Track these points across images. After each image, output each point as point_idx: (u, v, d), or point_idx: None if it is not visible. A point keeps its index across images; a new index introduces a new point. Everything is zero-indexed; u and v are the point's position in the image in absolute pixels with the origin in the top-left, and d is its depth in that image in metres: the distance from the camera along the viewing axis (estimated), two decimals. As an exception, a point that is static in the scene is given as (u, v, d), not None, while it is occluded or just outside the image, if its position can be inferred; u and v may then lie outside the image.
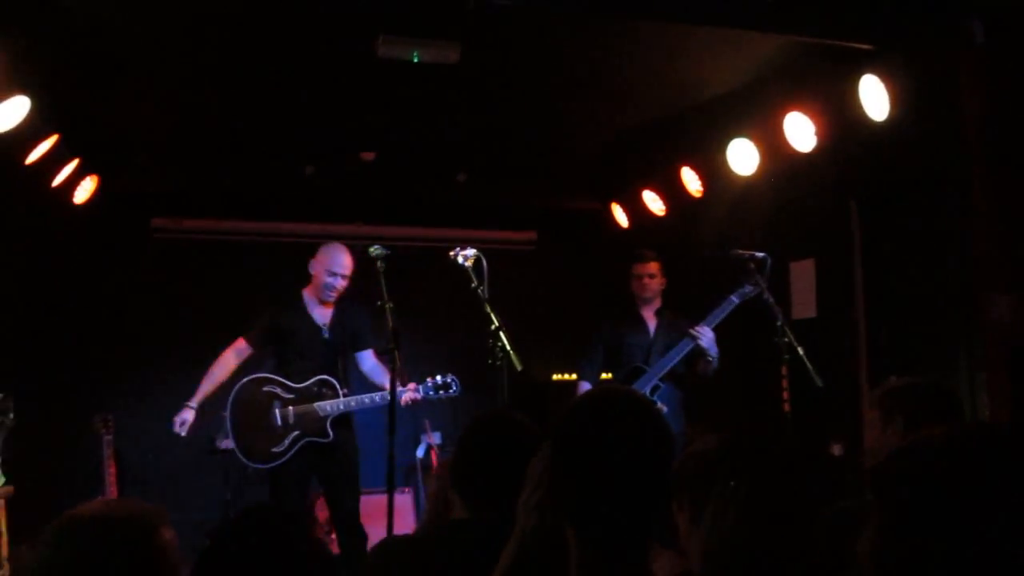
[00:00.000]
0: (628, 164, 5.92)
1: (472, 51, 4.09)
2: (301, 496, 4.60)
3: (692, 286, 4.95)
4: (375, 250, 3.84)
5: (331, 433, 4.38)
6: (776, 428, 3.90)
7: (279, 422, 4.39)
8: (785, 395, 3.79)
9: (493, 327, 3.45)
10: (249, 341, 4.53)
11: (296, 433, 4.39)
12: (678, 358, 4.47)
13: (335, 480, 4.49)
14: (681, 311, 4.75)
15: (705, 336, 4.37)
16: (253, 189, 6.28)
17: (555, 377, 6.18)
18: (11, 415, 4.32)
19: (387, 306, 3.69)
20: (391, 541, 2.21)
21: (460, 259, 3.67)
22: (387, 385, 4.19)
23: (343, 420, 4.49)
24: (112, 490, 4.87)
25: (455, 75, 4.37)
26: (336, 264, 4.47)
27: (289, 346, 4.52)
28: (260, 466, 4.43)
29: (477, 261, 3.67)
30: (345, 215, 6.45)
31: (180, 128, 5.36)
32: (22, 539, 3.88)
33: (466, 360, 5.87)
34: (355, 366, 4.68)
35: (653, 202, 5.87)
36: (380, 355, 3.86)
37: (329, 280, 4.46)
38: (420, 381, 4.49)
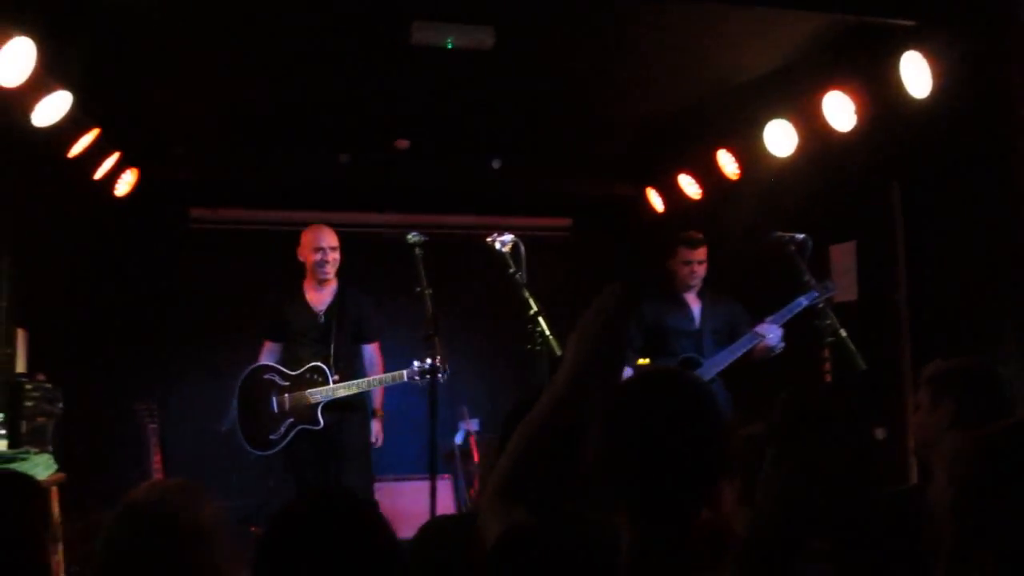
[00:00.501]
0: (663, 148, 5.87)
1: (506, 37, 4.08)
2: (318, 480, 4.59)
3: (727, 271, 4.90)
4: (413, 237, 3.86)
5: (321, 420, 4.41)
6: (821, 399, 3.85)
7: (275, 409, 4.48)
8: (827, 378, 3.74)
9: (532, 312, 3.45)
10: (270, 339, 4.65)
11: (290, 420, 4.45)
12: (740, 353, 4.37)
13: (341, 469, 4.49)
14: (719, 289, 4.69)
15: (772, 334, 4.31)
16: (289, 178, 6.32)
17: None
18: (60, 405, 4.41)
19: (426, 292, 3.71)
20: (437, 521, 2.24)
21: (498, 245, 3.67)
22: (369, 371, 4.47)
23: (347, 406, 4.51)
24: (157, 477, 4.96)
25: (489, 61, 4.37)
26: (319, 240, 4.52)
27: (290, 334, 4.60)
28: (259, 453, 4.50)
29: (515, 247, 3.67)
30: (380, 204, 6.48)
31: (216, 119, 5.42)
32: (73, 523, 3.96)
33: (505, 346, 5.90)
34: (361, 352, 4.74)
35: (689, 186, 5.82)
36: (424, 340, 3.79)
37: (318, 258, 4.51)
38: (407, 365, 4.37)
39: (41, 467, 3.78)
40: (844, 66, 4.29)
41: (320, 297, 4.60)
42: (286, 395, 4.49)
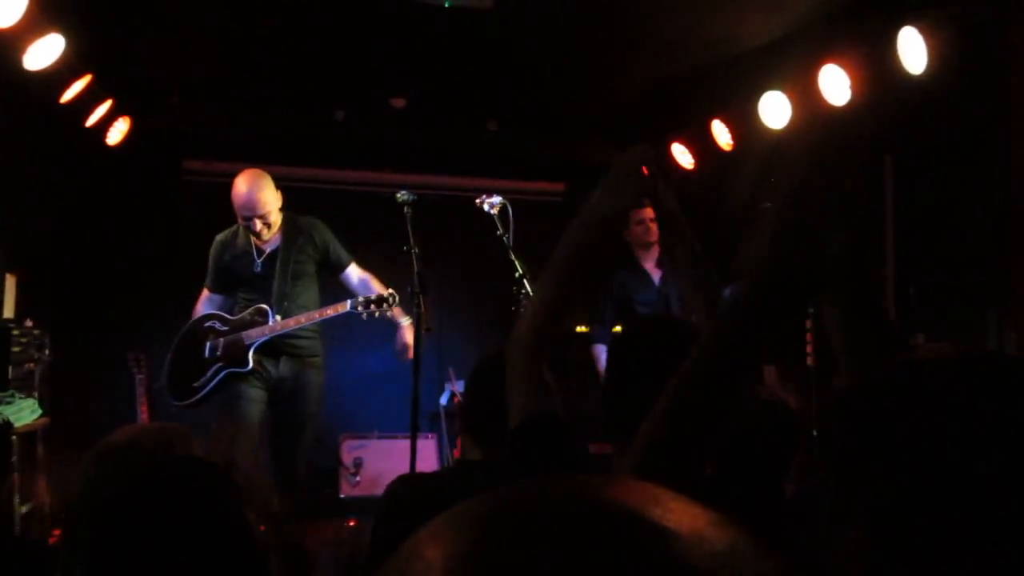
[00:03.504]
0: (658, 116, 5.85)
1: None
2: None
3: (721, 241, 4.91)
4: (402, 196, 3.85)
5: (250, 361, 4.03)
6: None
7: (207, 354, 4.14)
8: (809, 349, 3.77)
9: (517, 275, 3.47)
10: (211, 288, 4.34)
11: (218, 365, 4.11)
12: None
13: (279, 426, 4.15)
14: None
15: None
16: (284, 133, 6.30)
17: (578, 329, 6.21)
18: (47, 351, 4.44)
19: (413, 251, 3.71)
20: (406, 477, 2.26)
21: (486, 207, 3.68)
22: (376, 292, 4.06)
23: (297, 357, 4.14)
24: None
25: (488, 22, 4.34)
26: (242, 208, 4.10)
27: (236, 280, 4.27)
28: (180, 403, 4.12)
29: (503, 209, 3.68)
30: (375, 162, 6.46)
31: (212, 70, 5.38)
32: (58, 467, 4.00)
33: (493, 307, 5.92)
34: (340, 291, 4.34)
35: (682, 155, 5.82)
36: (410, 297, 3.64)
37: (245, 225, 4.15)
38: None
39: (26, 411, 3.82)
40: (841, 39, 4.27)
41: (265, 242, 4.22)
42: (221, 339, 4.14)
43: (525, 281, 3.44)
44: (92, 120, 4.87)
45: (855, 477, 0.84)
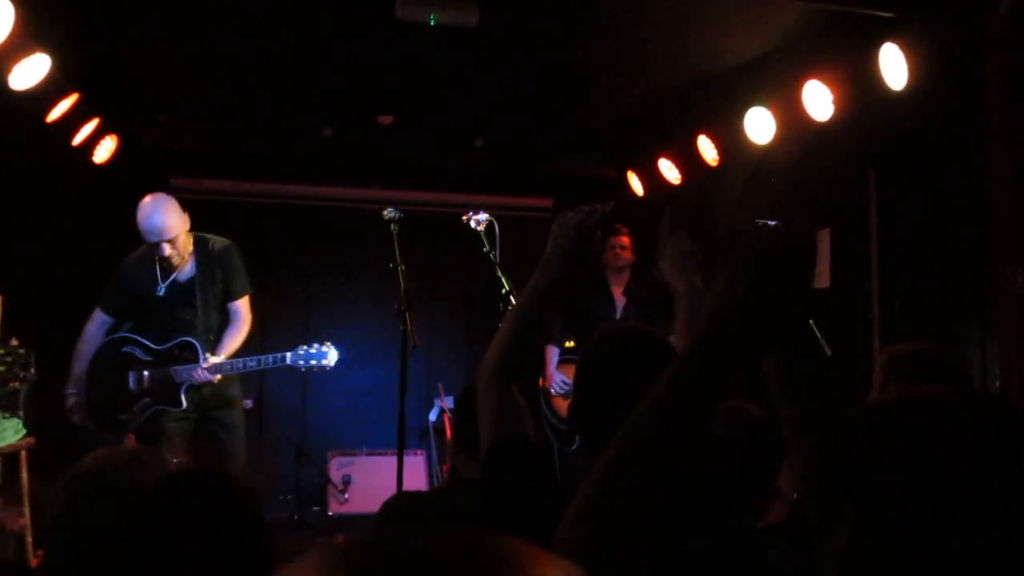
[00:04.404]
0: (645, 132, 5.89)
1: (491, 15, 4.08)
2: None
3: (706, 255, 4.94)
4: (389, 213, 3.86)
5: (183, 401, 3.98)
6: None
7: (132, 386, 4.04)
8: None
9: (504, 291, 3.47)
10: (105, 310, 4.19)
11: (147, 400, 4.02)
12: None
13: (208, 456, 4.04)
14: (648, 285, 4.86)
15: None
16: (272, 151, 6.31)
17: (567, 344, 6.22)
18: (33, 370, 4.41)
19: (399, 268, 3.72)
20: (402, 496, 2.26)
21: (473, 223, 3.68)
22: (230, 340, 4.00)
23: (220, 395, 4.10)
24: (130, 445, 4.96)
25: (474, 39, 4.36)
26: (148, 233, 3.96)
27: (137, 303, 4.12)
28: (104, 433, 4.03)
29: (490, 226, 3.68)
30: (362, 179, 6.48)
31: (199, 88, 5.39)
32: (42, 490, 3.97)
33: (481, 323, 5.93)
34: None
35: (669, 170, 5.85)
36: (396, 315, 3.64)
37: (155, 250, 4.00)
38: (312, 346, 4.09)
39: (11, 431, 3.80)
40: (824, 56, 4.32)
41: (175, 269, 4.10)
42: (146, 372, 4.03)
43: (512, 297, 3.44)
44: (79, 139, 4.87)
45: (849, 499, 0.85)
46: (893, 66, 3.92)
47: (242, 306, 4.24)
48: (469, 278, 5.94)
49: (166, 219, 3.97)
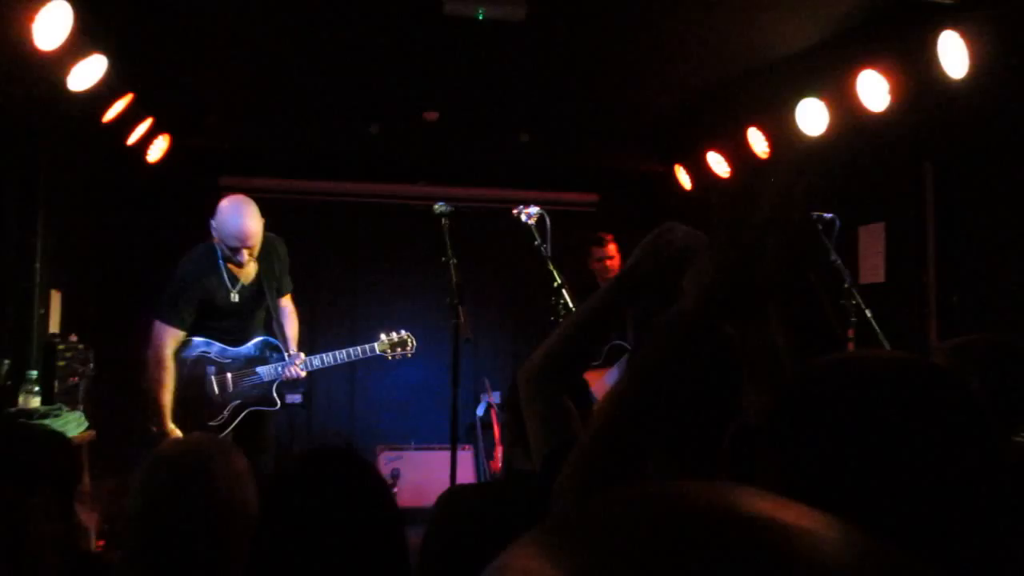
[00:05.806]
0: (693, 125, 5.83)
1: (538, 9, 4.07)
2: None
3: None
4: (440, 207, 3.87)
5: (277, 400, 3.95)
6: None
7: (215, 391, 3.91)
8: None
9: (556, 284, 3.46)
10: (174, 324, 3.87)
11: (236, 403, 3.92)
12: None
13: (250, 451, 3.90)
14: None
15: None
16: (319, 148, 6.37)
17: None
18: (91, 365, 4.51)
19: (451, 262, 3.72)
20: (455, 490, 2.26)
21: (524, 217, 3.68)
22: (294, 335, 3.99)
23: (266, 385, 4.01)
24: (185, 439, 5.04)
25: (520, 33, 4.35)
26: (234, 238, 3.80)
27: (217, 311, 3.94)
28: None
29: (540, 219, 3.68)
30: (409, 175, 6.51)
31: (248, 89, 5.46)
32: (103, 480, 4.06)
33: (529, 318, 5.92)
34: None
35: (718, 164, 5.78)
36: (449, 309, 3.59)
37: (236, 246, 3.82)
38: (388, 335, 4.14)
39: (72, 424, 3.88)
40: (879, 45, 4.22)
41: (239, 269, 3.97)
42: (228, 374, 3.93)
43: (564, 291, 3.43)
44: (133, 138, 4.96)
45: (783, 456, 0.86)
46: (952, 55, 3.83)
47: (290, 301, 4.27)
48: (516, 272, 5.93)
49: (253, 224, 3.84)
